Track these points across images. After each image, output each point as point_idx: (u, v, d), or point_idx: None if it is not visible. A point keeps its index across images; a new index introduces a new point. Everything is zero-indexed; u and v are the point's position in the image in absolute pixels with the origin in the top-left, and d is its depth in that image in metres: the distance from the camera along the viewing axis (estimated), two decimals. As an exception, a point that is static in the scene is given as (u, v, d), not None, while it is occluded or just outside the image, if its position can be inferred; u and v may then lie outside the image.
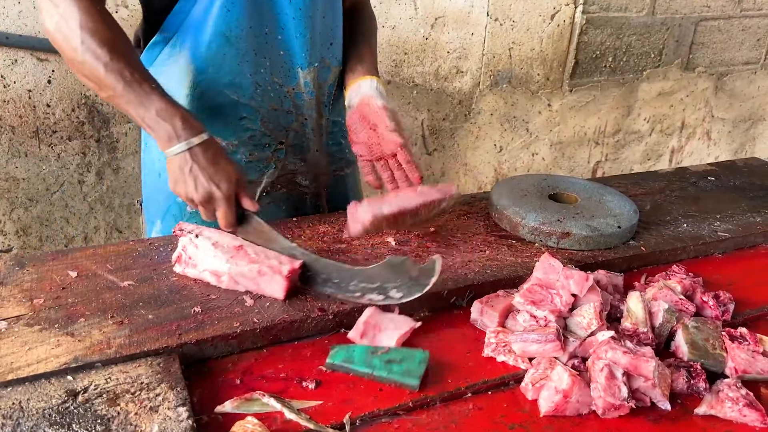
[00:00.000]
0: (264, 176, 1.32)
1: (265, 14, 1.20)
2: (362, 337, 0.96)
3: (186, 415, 0.78)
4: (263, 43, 1.22)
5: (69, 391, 0.82)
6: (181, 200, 1.25)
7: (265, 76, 1.25)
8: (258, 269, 1.01)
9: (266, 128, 1.29)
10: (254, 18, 1.19)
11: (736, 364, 0.93)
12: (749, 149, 3.62)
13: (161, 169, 1.28)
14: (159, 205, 1.32)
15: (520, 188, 1.40)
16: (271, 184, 1.34)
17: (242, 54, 1.21)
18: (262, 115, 1.27)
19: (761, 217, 1.43)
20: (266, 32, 1.22)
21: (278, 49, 1.24)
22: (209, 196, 1.06)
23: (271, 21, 1.21)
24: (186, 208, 1.29)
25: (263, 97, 1.26)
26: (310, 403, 0.85)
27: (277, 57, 1.25)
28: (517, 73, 2.78)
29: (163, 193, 1.30)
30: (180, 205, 1.29)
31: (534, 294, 1.01)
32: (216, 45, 1.19)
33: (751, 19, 3.19)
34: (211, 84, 1.21)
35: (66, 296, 1.01)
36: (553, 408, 0.85)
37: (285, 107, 1.29)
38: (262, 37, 1.21)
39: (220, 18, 1.16)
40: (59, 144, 2.10)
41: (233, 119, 1.26)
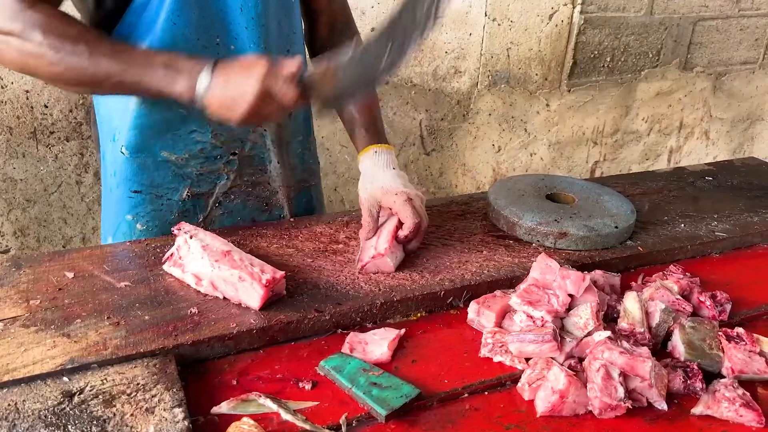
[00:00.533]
0: (216, 187, 1.29)
1: (216, 25, 1.16)
2: (352, 352, 0.95)
3: (182, 416, 0.78)
4: (214, 54, 1.14)
5: (65, 393, 0.82)
6: (129, 218, 1.26)
7: None
8: (239, 275, 1.00)
9: (217, 140, 1.25)
10: (202, 30, 1.15)
11: (732, 364, 0.93)
12: (747, 149, 3.62)
13: (112, 185, 1.25)
14: (111, 221, 1.29)
15: (517, 188, 1.40)
16: (223, 194, 1.31)
17: None
18: (213, 128, 1.23)
19: (759, 216, 1.43)
20: (217, 43, 1.17)
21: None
22: (262, 87, 0.99)
23: (222, 32, 1.17)
24: (136, 227, 1.26)
25: None
26: (307, 404, 0.85)
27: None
28: (515, 73, 2.78)
29: (114, 209, 1.27)
30: (129, 223, 1.26)
31: (531, 294, 1.01)
32: None
33: (749, 19, 3.20)
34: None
35: (62, 297, 1.01)
36: (550, 408, 0.85)
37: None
38: (213, 48, 1.17)
39: (166, 32, 1.12)
40: (57, 145, 2.10)
41: (183, 133, 1.22)
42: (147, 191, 1.25)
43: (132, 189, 1.24)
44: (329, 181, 2.57)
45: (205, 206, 1.31)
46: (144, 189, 1.25)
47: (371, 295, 1.05)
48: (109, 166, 1.26)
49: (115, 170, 1.24)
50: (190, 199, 1.28)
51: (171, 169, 1.24)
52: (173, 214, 1.28)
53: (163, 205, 1.27)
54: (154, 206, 1.26)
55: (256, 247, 1.19)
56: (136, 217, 1.26)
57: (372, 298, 1.04)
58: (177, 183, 1.26)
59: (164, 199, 1.26)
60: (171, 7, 1.10)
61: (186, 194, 1.27)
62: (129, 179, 1.23)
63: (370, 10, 2.37)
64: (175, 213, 1.28)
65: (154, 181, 1.24)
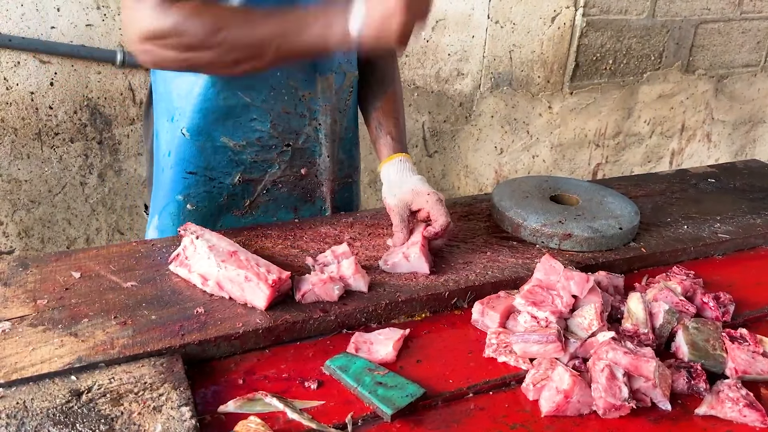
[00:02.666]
0: (267, 175, 1.32)
1: None
2: (358, 352, 0.95)
3: (189, 414, 0.79)
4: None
5: (73, 391, 0.82)
6: (179, 198, 1.28)
7: (281, 80, 1.24)
8: (245, 275, 1.01)
9: (275, 130, 1.28)
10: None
11: (736, 365, 0.94)
12: (749, 151, 3.63)
13: (165, 165, 1.28)
14: (159, 201, 1.33)
15: (521, 190, 1.40)
16: (272, 182, 1.34)
17: None
18: (272, 118, 1.27)
19: (761, 218, 1.43)
20: None
21: None
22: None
23: None
24: (186, 207, 1.30)
25: (276, 100, 1.25)
26: (313, 403, 0.86)
27: (296, 61, 1.23)
28: (517, 75, 2.79)
29: (164, 190, 1.30)
30: (179, 203, 1.30)
31: (535, 295, 1.01)
32: None
33: (751, 22, 3.20)
34: (227, 84, 1.20)
35: (69, 297, 1.01)
36: (554, 408, 0.85)
37: (298, 111, 1.28)
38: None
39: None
40: (61, 146, 2.11)
41: (244, 120, 1.25)
42: (201, 173, 1.28)
43: (188, 170, 1.27)
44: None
45: (253, 192, 1.33)
46: (199, 171, 1.28)
47: (376, 295, 1.06)
48: (164, 146, 1.28)
49: (170, 150, 1.27)
50: (240, 183, 1.31)
51: (227, 154, 1.27)
52: (222, 196, 1.31)
53: (215, 188, 1.30)
54: (206, 188, 1.29)
55: (261, 247, 1.20)
56: (187, 198, 1.29)
57: (377, 299, 1.05)
58: (231, 168, 1.28)
59: (216, 182, 1.29)
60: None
61: (238, 179, 1.30)
62: (186, 160, 1.26)
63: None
64: (225, 196, 1.31)
65: (210, 164, 1.27)
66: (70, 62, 2.02)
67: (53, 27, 1.97)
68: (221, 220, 1.34)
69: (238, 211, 1.34)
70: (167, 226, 1.33)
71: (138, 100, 2.14)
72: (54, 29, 1.97)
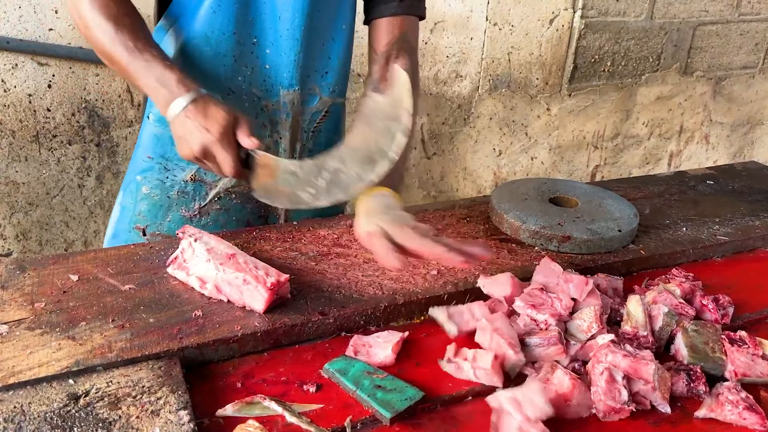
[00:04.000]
0: (220, 181, 1.32)
1: (255, 25, 1.21)
2: (356, 355, 0.95)
3: (187, 418, 0.78)
4: (248, 52, 1.22)
5: (70, 395, 0.82)
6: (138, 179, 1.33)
7: (242, 84, 1.25)
8: (243, 278, 1.00)
9: None
10: (241, 25, 1.20)
11: (735, 368, 0.94)
12: (747, 153, 3.63)
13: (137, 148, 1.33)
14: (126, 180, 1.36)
15: (520, 192, 1.40)
16: (225, 190, 1.33)
17: (220, 57, 1.22)
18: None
19: (760, 220, 1.43)
20: (254, 42, 1.22)
21: (264, 62, 1.25)
22: (203, 144, 1.05)
23: (261, 33, 1.22)
24: (141, 189, 1.32)
25: (235, 104, 1.23)
26: (311, 407, 0.86)
27: (262, 69, 1.25)
28: (516, 77, 2.79)
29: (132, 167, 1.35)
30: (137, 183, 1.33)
31: (534, 298, 1.01)
32: (196, 42, 1.21)
33: (749, 24, 3.21)
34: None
35: (67, 300, 1.01)
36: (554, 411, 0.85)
37: (260, 120, 1.29)
38: (248, 46, 1.22)
39: (205, 18, 1.19)
40: (59, 148, 2.10)
41: None
42: (158, 160, 1.31)
43: (147, 154, 1.31)
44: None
45: (204, 195, 1.34)
46: (155, 157, 1.30)
47: (375, 298, 1.05)
48: (141, 131, 1.33)
49: (141, 134, 1.32)
50: (192, 182, 1.32)
51: None
52: (174, 190, 1.33)
53: (168, 179, 1.32)
54: (160, 176, 1.32)
55: (260, 250, 1.20)
56: (144, 180, 1.32)
57: (376, 301, 1.04)
58: (185, 163, 1.30)
59: (171, 173, 1.31)
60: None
61: (190, 176, 1.31)
62: (146, 144, 1.30)
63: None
64: (176, 190, 1.33)
65: (166, 153, 1.30)
66: (68, 64, 2.02)
67: (51, 29, 1.96)
68: (170, 215, 1.35)
69: (186, 211, 1.34)
70: (128, 203, 1.36)
71: (136, 102, 2.14)
72: (52, 31, 1.97)
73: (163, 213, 1.35)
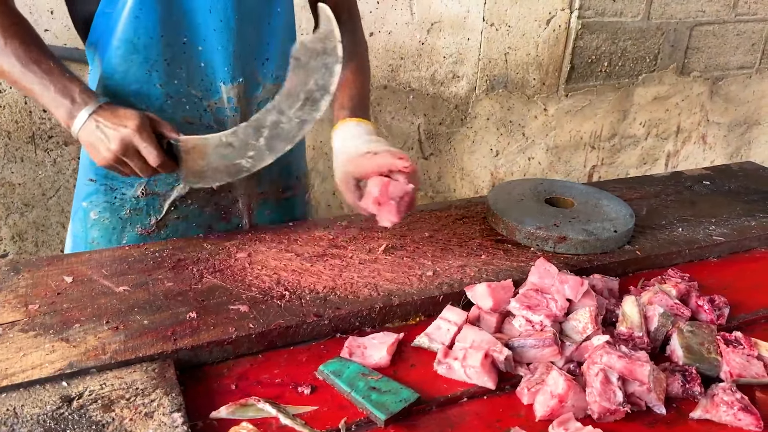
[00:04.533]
0: (173, 190, 1.27)
1: (183, 24, 1.15)
2: (351, 356, 0.95)
3: (181, 420, 0.78)
4: (180, 53, 1.17)
5: (64, 397, 0.82)
6: (84, 205, 1.27)
7: (179, 87, 1.20)
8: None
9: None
10: (168, 27, 1.14)
11: (731, 368, 0.94)
12: (744, 153, 3.63)
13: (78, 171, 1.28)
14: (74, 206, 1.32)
15: (516, 193, 1.40)
16: (180, 198, 1.28)
17: (151, 62, 1.16)
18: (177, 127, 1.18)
19: (756, 220, 1.43)
20: (184, 42, 1.16)
21: (198, 61, 1.19)
22: (122, 140, 1.05)
23: (190, 31, 1.16)
24: (90, 215, 1.27)
25: (175, 109, 1.21)
26: (306, 409, 0.85)
27: (197, 68, 1.19)
28: (513, 77, 2.79)
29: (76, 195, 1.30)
30: (84, 210, 1.28)
31: (529, 299, 1.01)
32: (122, 51, 1.14)
33: (746, 24, 3.21)
34: (119, 91, 1.17)
35: (61, 302, 1.01)
36: (549, 413, 0.85)
37: (204, 121, 1.24)
38: (179, 47, 1.16)
39: (128, 24, 1.12)
40: (55, 149, 2.10)
41: None
42: (101, 181, 1.25)
43: (88, 177, 1.25)
44: (328, 185, 2.57)
45: (159, 207, 1.28)
46: (98, 179, 1.25)
47: (370, 299, 1.05)
48: (82, 155, 1.28)
49: (81, 157, 1.27)
50: (144, 197, 1.27)
51: None
52: (125, 209, 1.27)
53: (116, 199, 1.26)
54: (106, 198, 1.26)
55: (255, 250, 1.19)
56: (90, 205, 1.27)
57: (371, 303, 1.04)
58: (132, 179, 1.24)
59: (118, 193, 1.26)
60: (135, 0, 1.11)
61: (140, 192, 1.26)
62: (86, 166, 1.25)
63: (368, 15, 2.38)
64: (127, 209, 1.27)
65: (109, 173, 1.22)
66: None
67: (47, 30, 1.96)
68: (125, 236, 1.29)
69: (143, 229, 1.29)
70: (78, 232, 1.31)
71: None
72: (47, 32, 1.96)
73: (117, 235, 1.29)
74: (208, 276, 1.10)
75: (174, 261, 1.14)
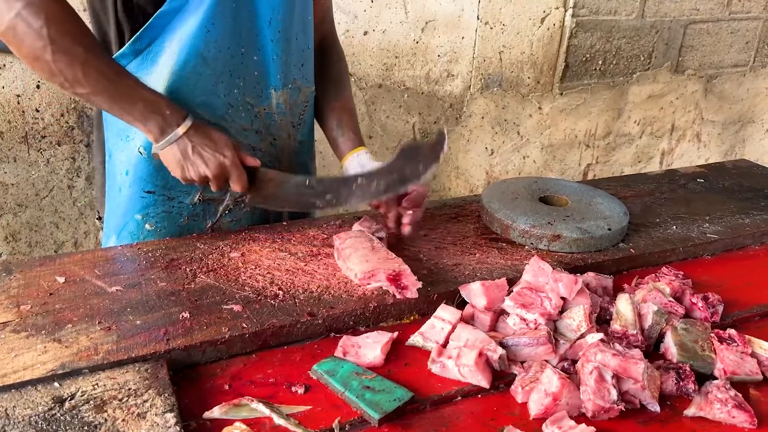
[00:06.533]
0: (227, 195, 1.29)
1: (244, 35, 1.18)
2: (345, 356, 0.94)
3: (174, 421, 0.78)
4: (239, 64, 1.20)
5: (56, 398, 0.81)
6: (138, 218, 1.26)
7: (238, 97, 1.22)
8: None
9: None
10: (233, 39, 1.17)
11: (724, 366, 0.94)
12: (739, 151, 3.64)
13: (122, 184, 1.25)
14: (117, 221, 1.28)
15: (510, 191, 1.40)
16: (234, 202, 1.31)
17: (218, 74, 1.18)
18: (232, 136, 1.23)
19: (750, 218, 1.44)
20: (243, 53, 1.20)
21: (253, 70, 1.22)
22: (220, 166, 1.11)
23: (249, 42, 1.20)
24: (145, 227, 1.26)
25: (234, 117, 1.24)
26: (299, 408, 0.85)
27: (252, 77, 1.23)
28: (507, 76, 2.79)
29: (122, 209, 1.26)
30: (137, 222, 1.26)
31: (524, 297, 1.01)
32: (192, 65, 1.15)
33: (740, 22, 3.22)
34: (184, 103, 1.17)
35: (53, 302, 1.00)
36: (543, 411, 0.85)
37: (254, 127, 1.27)
38: (239, 58, 1.19)
39: (199, 37, 1.13)
40: (48, 149, 2.09)
41: None
42: (160, 192, 1.25)
43: (145, 189, 1.24)
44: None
45: (214, 212, 1.31)
46: (157, 190, 1.25)
47: (364, 298, 1.05)
48: (120, 165, 1.25)
49: (127, 170, 1.24)
50: (201, 203, 1.29)
51: None
52: (183, 216, 1.28)
53: (174, 207, 1.27)
54: (165, 207, 1.27)
55: (249, 250, 1.19)
56: (146, 217, 1.26)
57: (365, 302, 1.04)
58: (190, 187, 1.25)
59: (176, 202, 1.27)
60: (207, 14, 1.12)
61: (198, 198, 1.28)
62: (143, 179, 1.23)
63: (362, 14, 2.37)
64: (185, 216, 1.29)
65: (168, 182, 1.24)
66: (56, 65, 2.00)
67: None
68: None
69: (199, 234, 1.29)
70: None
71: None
72: None
73: None
74: (201, 276, 1.10)
75: (167, 261, 1.14)
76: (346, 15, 2.34)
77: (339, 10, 2.30)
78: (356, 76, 2.46)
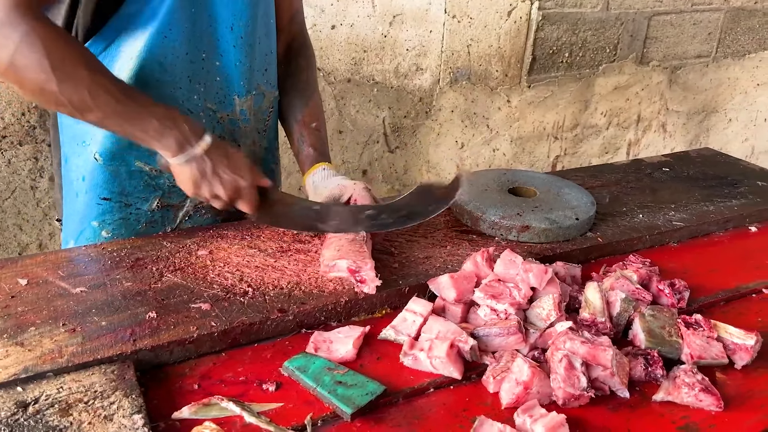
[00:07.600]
0: (187, 200, 1.27)
1: (204, 41, 1.16)
2: (317, 351, 0.94)
3: (142, 422, 0.76)
4: (199, 69, 1.17)
5: (19, 403, 0.79)
6: (95, 225, 1.23)
7: (198, 103, 1.20)
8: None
9: None
10: (192, 44, 1.15)
11: (691, 351, 0.95)
12: (704, 140, 3.71)
13: (78, 190, 1.22)
14: (75, 226, 1.25)
15: (480, 183, 1.41)
16: (194, 208, 1.29)
17: (176, 81, 1.16)
18: None
19: (714, 206, 1.46)
20: (203, 58, 1.17)
21: (215, 76, 1.20)
22: (236, 188, 1.08)
23: (210, 47, 1.17)
24: (101, 234, 1.23)
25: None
26: (271, 406, 0.84)
27: (213, 83, 1.20)
28: (476, 69, 2.80)
29: (79, 215, 1.23)
30: (94, 229, 1.23)
31: (493, 288, 1.01)
32: (149, 70, 1.12)
33: (702, 14, 3.27)
34: None
35: (15, 305, 0.98)
36: (515, 400, 0.85)
37: (217, 133, 1.24)
38: (199, 63, 1.17)
39: (156, 44, 1.10)
40: (9, 149, 2.03)
41: None
42: (116, 199, 1.22)
43: (101, 196, 1.21)
44: (293, 180, 2.55)
45: (174, 218, 1.28)
46: (114, 197, 1.22)
47: (335, 293, 1.04)
48: (76, 171, 1.21)
49: (83, 176, 1.20)
50: (159, 209, 1.26)
51: (143, 179, 1.22)
52: (141, 223, 1.25)
53: (132, 214, 1.24)
54: (122, 214, 1.23)
55: (217, 247, 1.17)
56: (102, 224, 1.23)
57: (336, 297, 1.03)
58: (148, 193, 1.23)
59: (133, 208, 1.24)
60: (164, 19, 1.09)
61: (156, 205, 1.25)
62: (99, 186, 1.20)
63: (329, 8, 2.36)
64: (143, 223, 1.26)
65: (124, 189, 1.21)
66: (15, 62, 1.95)
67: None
68: None
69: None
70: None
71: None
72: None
73: None
74: (168, 275, 1.08)
75: (132, 260, 1.12)
76: (313, 9, 2.32)
77: (306, 4, 2.28)
78: (325, 70, 2.44)
